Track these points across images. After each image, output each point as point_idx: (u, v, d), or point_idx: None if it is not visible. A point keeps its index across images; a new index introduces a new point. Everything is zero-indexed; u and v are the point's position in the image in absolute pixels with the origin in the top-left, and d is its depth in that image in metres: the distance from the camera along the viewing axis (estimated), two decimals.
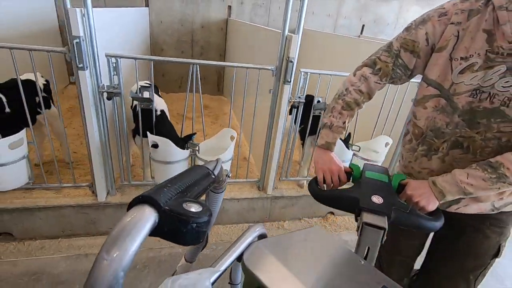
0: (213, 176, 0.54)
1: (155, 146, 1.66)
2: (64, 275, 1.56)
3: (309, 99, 2.08)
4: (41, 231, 1.90)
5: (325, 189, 1.00)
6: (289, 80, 1.85)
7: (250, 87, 1.99)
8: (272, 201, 2.28)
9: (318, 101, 2.09)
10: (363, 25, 5.07)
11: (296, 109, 2.05)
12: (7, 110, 1.83)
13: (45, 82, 2.22)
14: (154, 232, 0.35)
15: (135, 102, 1.92)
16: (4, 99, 1.83)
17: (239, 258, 0.60)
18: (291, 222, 2.36)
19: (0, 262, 1.63)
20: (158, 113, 1.87)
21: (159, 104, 1.90)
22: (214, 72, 4.75)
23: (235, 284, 0.69)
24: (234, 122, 3.49)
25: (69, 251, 1.78)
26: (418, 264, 1.22)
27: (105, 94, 1.67)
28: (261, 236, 0.67)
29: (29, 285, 1.48)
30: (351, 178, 0.98)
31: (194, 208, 0.37)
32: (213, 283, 0.44)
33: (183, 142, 1.77)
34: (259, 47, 2.86)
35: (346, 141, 2.14)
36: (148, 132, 1.70)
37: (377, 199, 0.78)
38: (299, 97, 1.99)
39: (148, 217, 0.34)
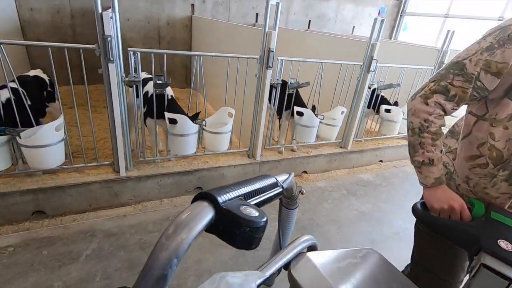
0: (281, 188, 0.54)
1: (175, 121, 2.08)
2: (113, 229, 1.92)
3: (284, 82, 2.67)
4: (71, 207, 2.17)
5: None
6: (271, 66, 2.40)
7: (228, 76, 2.44)
8: (260, 166, 2.83)
9: (291, 82, 2.68)
10: (310, 21, 5.86)
11: (275, 89, 2.62)
12: (29, 102, 2.06)
13: (48, 78, 2.42)
14: (210, 228, 0.38)
15: (147, 89, 2.29)
16: (24, 93, 2.04)
17: (286, 266, 0.60)
18: None
19: (49, 229, 1.90)
20: (169, 97, 2.27)
21: (168, 90, 2.30)
22: (180, 66, 5.07)
23: None
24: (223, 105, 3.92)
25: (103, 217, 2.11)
26: None
27: (125, 83, 2.02)
28: (311, 247, 0.66)
29: (86, 239, 1.81)
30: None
31: (251, 213, 0.39)
32: (258, 286, 0.45)
33: (192, 119, 2.21)
34: (228, 41, 3.36)
35: (313, 112, 2.79)
36: (166, 112, 2.10)
37: (505, 245, 0.70)
38: (277, 79, 2.56)
39: (205, 212, 0.37)
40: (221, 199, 0.39)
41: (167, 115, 2.10)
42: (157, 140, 2.39)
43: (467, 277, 0.82)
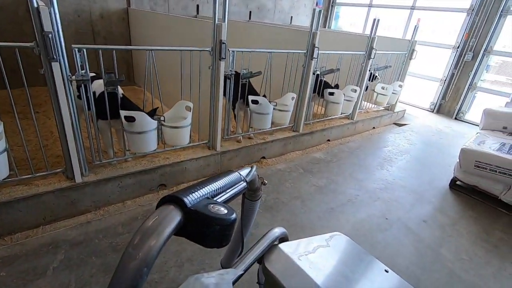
0: (245, 182, 0.54)
1: (133, 119, 2.02)
2: (79, 238, 1.82)
3: (237, 73, 2.75)
4: (22, 223, 1.97)
5: None
6: (223, 57, 2.46)
7: (182, 69, 2.44)
8: (222, 156, 2.90)
9: (244, 72, 2.78)
10: (250, 11, 5.97)
11: (229, 80, 2.69)
12: None
13: None
14: (179, 232, 0.37)
15: (94, 89, 2.16)
16: None
17: (260, 260, 0.60)
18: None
19: (3, 249, 1.72)
20: (121, 95, 2.18)
21: (119, 88, 2.20)
22: (122, 61, 4.76)
23: (262, 284, 0.68)
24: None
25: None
26: None
27: (74, 83, 1.89)
28: (282, 239, 0.66)
29: (50, 252, 1.69)
30: None
31: (219, 211, 0.38)
32: (234, 283, 0.44)
33: (150, 115, 2.17)
34: (171, 34, 3.30)
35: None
36: (121, 111, 2.03)
37: None
38: (230, 70, 2.63)
39: (173, 216, 0.36)
40: (188, 200, 0.38)
41: (123, 113, 2.03)
42: (112, 142, 2.29)
43: None
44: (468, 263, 1.98)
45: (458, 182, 2.86)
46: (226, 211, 0.39)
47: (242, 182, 0.53)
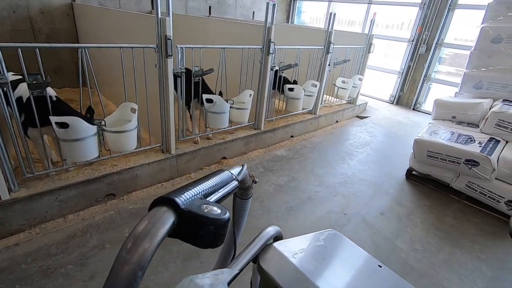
0: (237, 181, 0.54)
1: (65, 125, 1.81)
2: (2, 264, 1.59)
3: (188, 70, 2.60)
4: None
5: None
6: (170, 54, 2.29)
7: (124, 68, 2.25)
8: (177, 159, 2.75)
9: (195, 70, 2.63)
10: (210, 7, 5.78)
11: (179, 78, 2.53)
12: None
13: None
14: (173, 233, 0.36)
15: (20, 94, 1.91)
16: None
17: (255, 260, 0.60)
18: (196, 172, 2.91)
19: None
20: (54, 98, 1.95)
21: (50, 91, 1.97)
22: (70, 61, 4.40)
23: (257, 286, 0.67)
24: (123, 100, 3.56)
25: None
26: None
27: None
28: (277, 238, 0.66)
29: None
30: None
31: (213, 211, 0.38)
32: (229, 284, 0.44)
33: (87, 119, 1.96)
34: (123, 30, 3.07)
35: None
36: (51, 117, 1.80)
37: None
38: (180, 67, 2.47)
39: (167, 218, 0.35)
40: (181, 201, 0.38)
41: (54, 119, 1.81)
42: (46, 151, 2.05)
43: None
44: (421, 253, 2.01)
45: (414, 172, 2.94)
46: (219, 211, 0.38)
47: (233, 181, 0.53)
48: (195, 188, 0.42)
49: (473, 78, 3.36)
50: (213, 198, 0.46)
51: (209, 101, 2.67)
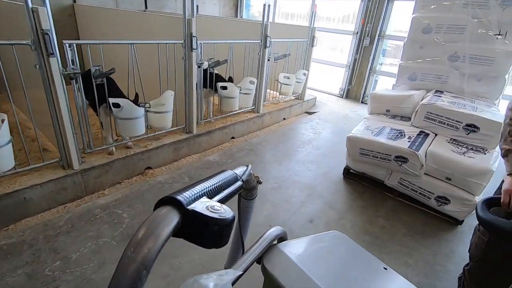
0: (241, 182, 0.53)
1: (118, 105, 2.12)
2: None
3: (88, 73, 2.22)
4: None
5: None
6: (52, 53, 1.90)
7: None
8: (83, 175, 2.35)
9: (96, 70, 2.25)
10: (146, 0, 5.31)
11: (75, 81, 2.14)
12: None
13: None
14: (178, 233, 0.36)
15: None
16: None
17: (259, 260, 0.60)
18: (112, 188, 2.53)
19: None
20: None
21: None
22: None
23: None
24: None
25: None
26: None
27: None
28: (281, 239, 0.65)
29: None
30: None
31: (217, 211, 0.38)
32: (233, 284, 0.44)
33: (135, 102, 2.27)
34: None
35: (135, 102, 2.47)
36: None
37: None
38: (72, 68, 2.07)
39: (171, 217, 0.35)
40: (185, 201, 0.38)
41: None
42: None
43: None
44: None
45: (351, 170, 2.80)
46: (223, 211, 0.38)
47: (238, 181, 0.53)
48: (199, 188, 0.42)
49: (407, 69, 3.31)
50: (217, 198, 0.45)
51: (116, 105, 2.31)
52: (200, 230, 0.37)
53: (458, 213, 2.20)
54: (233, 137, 3.68)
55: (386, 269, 0.63)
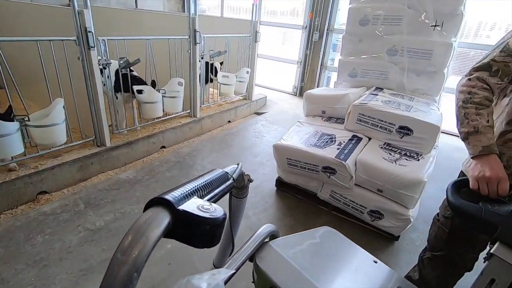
0: (232, 180, 0.53)
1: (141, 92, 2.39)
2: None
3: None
4: None
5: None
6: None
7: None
8: None
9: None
10: None
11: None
12: None
13: None
14: (169, 234, 0.36)
15: None
16: None
17: (251, 258, 0.60)
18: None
19: None
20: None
21: None
22: None
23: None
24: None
25: None
26: None
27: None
28: (273, 236, 0.66)
29: None
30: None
31: (208, 210, 0.37)
32: (226, 283, 0.43)
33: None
34: None
35: (8, 114, 1.97)
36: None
37: None
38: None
39: (162, 219, 0.34)
40: (176, 201, 0.37)
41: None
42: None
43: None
44: None
45: (284, 181, 2.48)
46: (215, 210, 0.38)
47: (229, 180, 0.52)
48: (190, 188, 0.42)
49: (347, 65, 3.04)
50: (208, 197, 0.44)
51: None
52: (191, 230, 0.37)
53: (393, 228, 1.94)
54: (163, 147, 3.24)
55: (376, 262, 0.63)
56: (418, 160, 1.93)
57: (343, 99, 2.49)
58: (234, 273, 0.52)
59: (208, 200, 0.43)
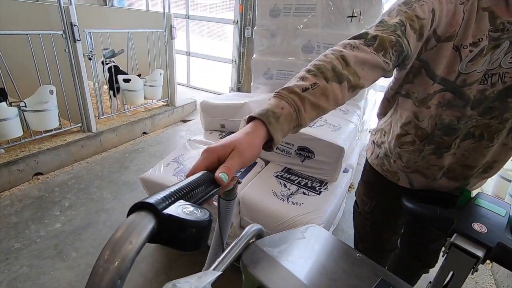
0: None
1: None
2: None
3: None
4: None
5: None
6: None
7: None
8: None
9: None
10: None
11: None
12: None
13: None
14: (154, 238, 0.34)
15: None
16: None
17: (238, 259, 0.61)
18: None
19: None
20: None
21: None
22: None
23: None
24: None
25: None
26: None
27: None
28: (259, 236, 0.66)
29: None
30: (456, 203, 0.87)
31: (194, 213, 0.36)
32: (213, 285, 0.43)
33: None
34: None
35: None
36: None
37: (479, 227, 0.73)
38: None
39: (146, 223, 0.33)
40: (160, 205, 0.35)
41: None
42: None
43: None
44: None
45: None
46: (201, 213, 0.36)
47: (215, 181, 0.49)
48: (175, 191, 0.39)
49: (261, 64, 2.53)
50: (195, 200, 0.42)
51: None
52: (177, 234, 0.35)
53: None
54: (39, 173, 2.53)
55: (359, 256, 0.64)
56: (319, 193, 1.45)
57: (242, 110, 1.96)
58: (221, 275, 0.47)
59: (195, 203, 0.41)
